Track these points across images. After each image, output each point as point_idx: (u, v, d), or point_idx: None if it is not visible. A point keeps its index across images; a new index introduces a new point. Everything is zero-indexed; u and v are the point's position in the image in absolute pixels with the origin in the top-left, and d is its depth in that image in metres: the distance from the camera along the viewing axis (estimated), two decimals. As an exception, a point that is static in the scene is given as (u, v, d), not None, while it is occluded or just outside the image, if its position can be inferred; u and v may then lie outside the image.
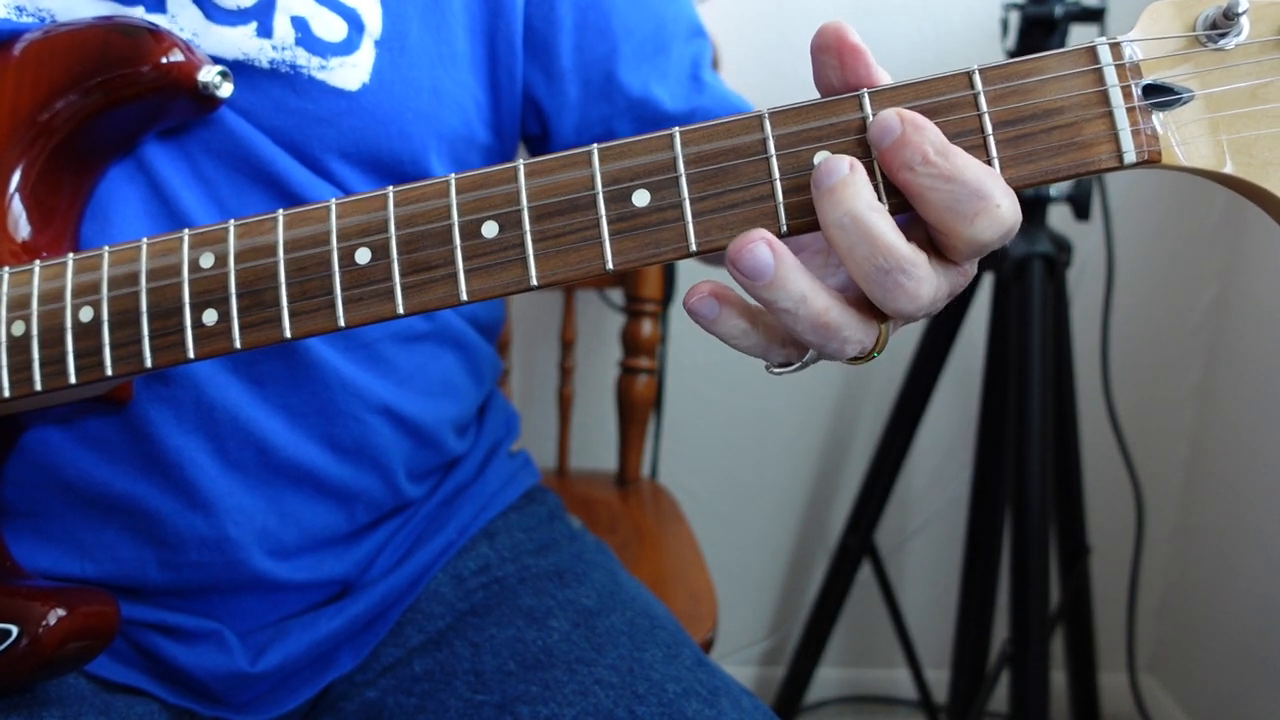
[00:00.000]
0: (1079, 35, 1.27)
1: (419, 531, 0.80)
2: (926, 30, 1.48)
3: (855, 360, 0.49)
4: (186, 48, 0.61)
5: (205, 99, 0.62)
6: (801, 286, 0.45)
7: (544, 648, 0.72)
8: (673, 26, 0.80)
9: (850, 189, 0.44)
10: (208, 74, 0.61)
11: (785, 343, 0.49)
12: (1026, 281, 1.27)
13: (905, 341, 1.46)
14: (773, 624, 1.80)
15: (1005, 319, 1.32)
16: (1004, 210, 0.44)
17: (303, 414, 0.70)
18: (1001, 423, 1.35)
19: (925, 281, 0.45)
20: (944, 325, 1.39)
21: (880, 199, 0.45)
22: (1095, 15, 1.23)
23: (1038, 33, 1.24)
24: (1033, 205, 1.28)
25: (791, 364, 0.50)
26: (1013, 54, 1.27)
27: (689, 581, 1.09)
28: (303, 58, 0.65)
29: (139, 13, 0.63)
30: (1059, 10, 1.21)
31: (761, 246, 0.44)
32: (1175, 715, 1.69)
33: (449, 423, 0.80)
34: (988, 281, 1.40)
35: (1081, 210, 1.30)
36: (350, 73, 0.67)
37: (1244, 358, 1.56)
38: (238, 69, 0.64)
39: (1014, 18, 1.26)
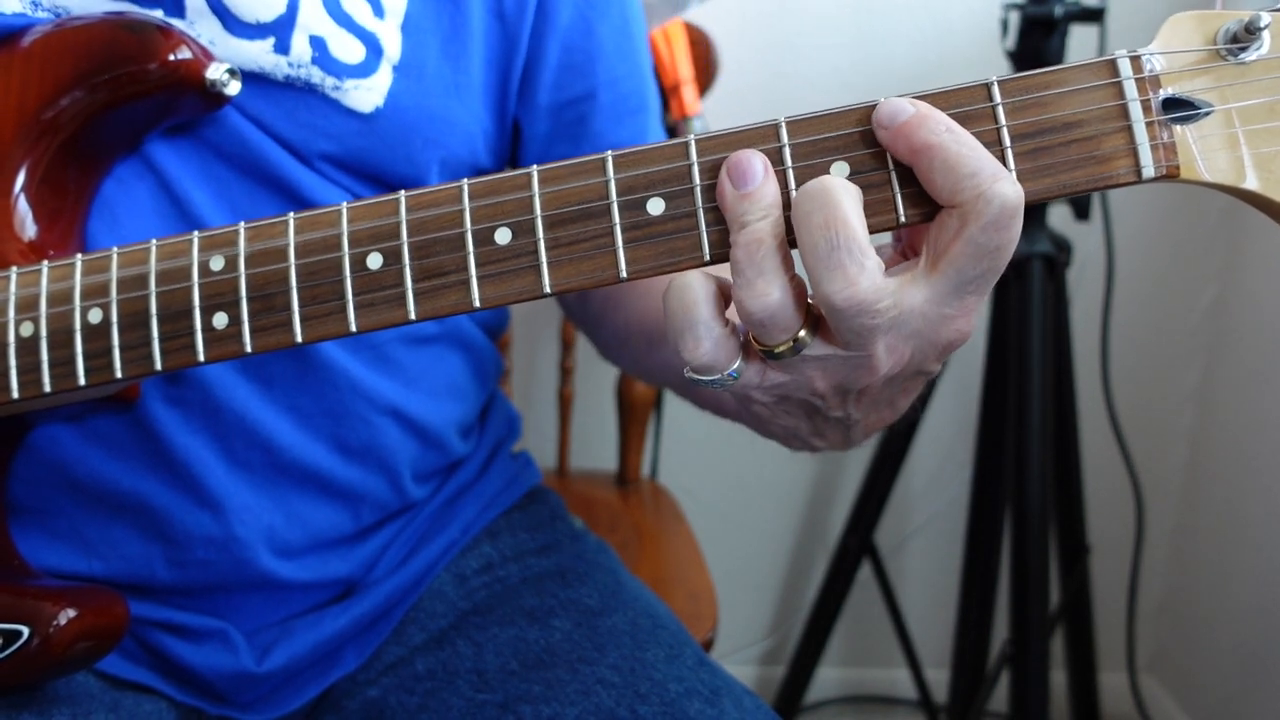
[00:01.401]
0: (1079, 35, 1.27)
1: (422, 531, 0.80)
2: (927, 30, 1.48)
3: (765, 350, 0.47)
4: (194, 44, 0.60)
5: (213, 97, 0.61)
6: (760, 207, 0.45)
7: (546, 647, 0.72)
8: (650, 94, 0.82)
9: None
10: (215, 71, 0.60)
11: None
12: (1026, 281, 1.27)
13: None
14: (773, 624, 1.80)
15: (1005, 319, 1.32)
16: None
17: (311, 415, 0.70)
18: (1001, 423, 1.35)
19: (869, 274, 0.43)
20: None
21: (900, 216, 0.45)
22: (1095, 15, 1.23)
23: (1038, 33, 1.24)
24: (1032, 205, 1.28)
25: (712, 374, 0.48)
26: (1013, 54, 1.27)
27: (689, 581, 1.10)
28: (318, 76, 0.65)
29: (157, 16, 0.63)
30: (1059, 10, 1.21)
31: (759, 160, 0.45)
32: (1175, 715, 1.69)
33: (455, 424, 0.80)
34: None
35: (1081, 210, 1.30)
36: (365, 95, 0.66)
37: (1244, 358, 1.56)
38: (252, 78, 0.64)
39: (1014, 18, 1.26)
